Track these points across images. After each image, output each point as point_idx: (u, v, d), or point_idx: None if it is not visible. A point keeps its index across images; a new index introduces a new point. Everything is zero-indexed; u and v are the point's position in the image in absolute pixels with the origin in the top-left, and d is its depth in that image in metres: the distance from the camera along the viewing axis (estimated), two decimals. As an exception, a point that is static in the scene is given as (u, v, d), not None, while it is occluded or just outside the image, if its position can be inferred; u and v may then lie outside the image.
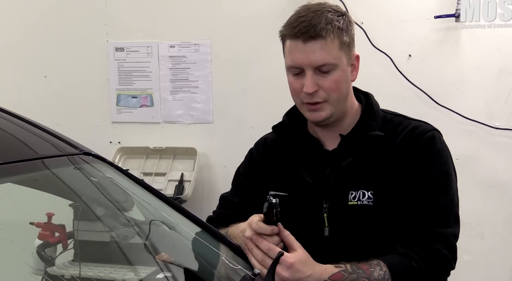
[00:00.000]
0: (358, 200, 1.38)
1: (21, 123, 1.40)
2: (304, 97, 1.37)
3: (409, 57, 2.78)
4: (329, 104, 1.37)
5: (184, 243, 1.47)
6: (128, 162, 3.07)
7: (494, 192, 2.74)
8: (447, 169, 1.40)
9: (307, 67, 1.34)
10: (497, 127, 2.70)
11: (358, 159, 1.40)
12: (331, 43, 1.33)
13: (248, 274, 1.14)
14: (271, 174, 1.49)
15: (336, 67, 1.35)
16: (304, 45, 1.33)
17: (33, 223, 1.68)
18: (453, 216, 1.38)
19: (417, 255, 1.31)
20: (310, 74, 1.34)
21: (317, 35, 1.32)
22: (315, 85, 1.34)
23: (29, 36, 3.21)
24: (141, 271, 1.64)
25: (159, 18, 3.05)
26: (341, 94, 1.38)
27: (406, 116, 1.48)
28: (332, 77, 1.35)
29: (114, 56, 3.12)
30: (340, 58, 1.36)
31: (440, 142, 1.42)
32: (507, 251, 2.75)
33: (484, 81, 2.71)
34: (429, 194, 1.35)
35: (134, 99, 3.13)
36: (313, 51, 1.32)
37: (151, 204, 1.48)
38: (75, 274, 1.56)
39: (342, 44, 1.35)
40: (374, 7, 2.80)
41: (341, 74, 1.36)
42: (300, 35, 1.32)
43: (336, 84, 1.36)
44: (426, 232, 1.33)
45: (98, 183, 1.46)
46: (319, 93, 1.35)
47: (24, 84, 3.24)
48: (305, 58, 1.33)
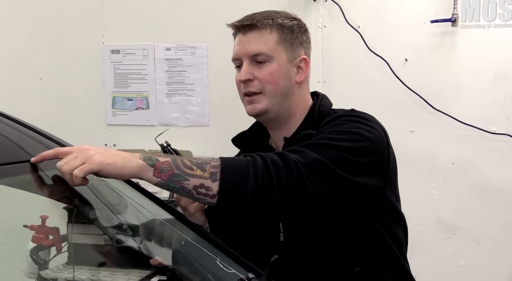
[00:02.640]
0: None
1: (14, 125, 1.39)
2: (242, 88, 1.40)
3: (405, 61, 2.78)
4: (265, 96, 1.38)
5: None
6: (123, 165, 3.06)
7: (489, 197, 2.74)
8: (350, 128, 1.28)
9: (244, 57, 1.39)
10: (493, 132, 2.71)
11: None
12: (268, 35, 1.38)
13: (243, 278, 1.13)
14: None
15: (271, 59, 1.38)
16: (243, 36, 1.40)
17: (27, 225, 1.67)
18: (324, 154, 1.21)
19: (258, 154, 1.20)
20: (246, 63, 1.39)
21: (253, 25, 1.38)
22: (249, 73, 1.38)
23: (24, 38, 3.20)
24: (135, 275, 1.63)
25: (156, 20, 3.05)
26: (277, 88, 1.38)
27: (345, 109, 1.41)
28: (267, 68, 1.38)
29: (110, 58, 3.11)
30: (278, 52, 1.38)
31: (354, 113, 1.35)
32: (503, 256, 2.75)
33: (480, 86, 2.71)
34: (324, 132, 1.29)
35: (130, 101, 3.12)
36: (249, 41, 1.39)
37: (146, 207, 1.47)
38: (68, 278, 1.55)
39: (282, 40, 1.39)
40: (371, 11, 2.80)
41: (277, 67, 1.38)
42: (240, 27, 1.40)
43: (271, 76, 1.38)
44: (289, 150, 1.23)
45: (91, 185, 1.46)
46: (254, 83, 1.38)
47: (19, 86, 3.23)
48: (242, 48, 1.40)
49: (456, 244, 2.75)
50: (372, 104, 2.73)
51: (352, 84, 2.81)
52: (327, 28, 2.83)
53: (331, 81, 2.81)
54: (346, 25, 2.79)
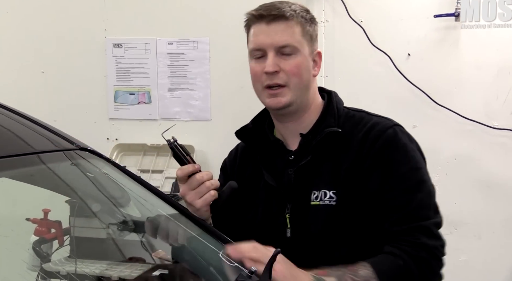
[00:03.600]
0: (320, 200, 1.35)
1: (17, 118, 1.39)
2: (265, 80, 1.36)
3: (408, 56, 2.77)
4: (289, 89, 1.36)
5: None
6: (125, 159, 3.06)
7: (491, 192, 2.74)
8: (416, 164, 1.37)
9: (269, 48, 1.35)
10: (496, 127, 2.70)
11: (318, 158, 1.38)
12: (295, 27, 1.36)
13: (245, 271, 1.13)
14: (239, 181, 1.46)
15: (297, 51, 1.36)
16: (268, 27, 1.35)
17: (29, 219, 1.68)
18: (433, 207, 1.36)
19: (403, 251, 1.28)
20: (272, 55, 1.35)
21: (281, 16, 1.34)
22: (276, 65, 1.35)
23: (26, 31, 3.20)
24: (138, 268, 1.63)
25: (158, 14, 3.04)
26: (301, 81, 1.37)
27: (369, 112, 1.45)
28: (294, 60, 1.36)
29: (112, 52, 3.11)
30: (302, 44, 1.37)
31: (403, 137, 1.39)
32: (505, 251, 2.75)
33: (483, 81, 2.70)
34: (405, 193, 1.33)
35: (132, 95, 3.12)
36: (276, 32, 1.34)
37: (148, 200, 1.47)
38: (71, 271, 1.56)
39: (305, 33, 1.37)
40: (374, 6, 2.79)
41: (302, 60, 1.37)
42: (265, 16, 1.35)
43: (297, 68, 1.36)
44: (409, 230, 1.30)
45: (94, 178, 1.46)
46: (280, 75, 1.35)
47: (21, 79, 3.22)
48: (267, 39, 1.35)
49: (458, 239, 2.74)
50: (374, 99, 2.73)
51: (354, 79, 2.80)
52: (330, 22, 2.82)
53: (334, 76, 2.81)
54: (349, 19, 2.78)
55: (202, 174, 1.30)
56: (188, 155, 1.30)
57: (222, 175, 1.56)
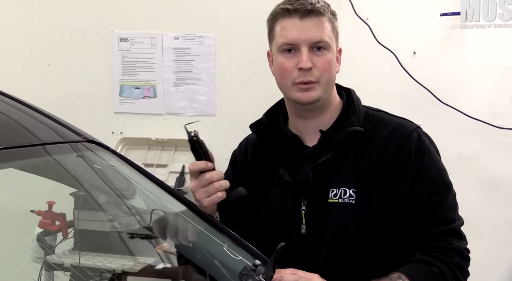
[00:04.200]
0: (340, 198, 1.35)
1: (24, 109, 1.40)
2: (298, 76, 1.34)
3: (413, 54, 2.77)
4: (320, 85, 1.35)
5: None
6: (129, 153, 3.06)
7: (495, 192, 2.73)
8: (440, 166, 1.39)
9: (303, 43, 1.33)
10: (500, 126, 2.69)
11: (338, 155, 1.37)
12: (327, 23, 1.35)
13: (249, 264, 1.14)
14: (251, 175, 1.48)
15: (329, 47, 1.35)
16: (301, 22, 1.33)
17: (34, 211, 1.68)
18: (457, 208, 1.39)
19: (437, 259, 1.29)
20: (306, 50, 1.33)
21: (315, 11, 1.33)
22: (310, 62, 1.33)
23: (33, 24, 3.20)
24: (141, 261, 1.64)
25: (164, 9, 3.04)
26: (331, 77, 1.38)
27: (388, 112, 1.45)
28: (326, 56, 1.35)
29: (118, 46, 3.11)
30: (333, 40, 1.37)
31: (427, 140, 1.40)
32: (508, 250, 2.75)
33: (488, 80, 2.70)
34: (434, 196, 1.34)
35: (137, 90, 3.12)
36: (309, 27, 1.33)
37: (154, 193, 1.48)
38: (74, 263, 1.57)
39: (333, 29, 1.37)
40: (380, 4, 2.79)
41: (332, 56, 1.37)
42: (297, 11, 1.33)
43: (328, 64, 1.35)
44: (441, 233, 1.32)
45: (101, 170, 1.46)
46: (313, 72, 1.34)
47: (27, 72, 3.23)
48: (301, 34, 1.33)
49: (460, 238, 2.74)
50: (379, 97, 2.71)
51: (360, 76, 2.79)
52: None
53: (339, 73, 2.80)
54: (355, 17, 2.78)
55: (212, 174, 1.29)
56: (206, 152, 1.29)
57: (232, 169, 1.54)
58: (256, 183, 1.46)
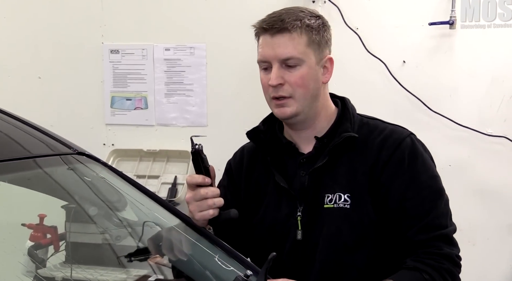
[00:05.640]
0: (335, 203, 1.36)
1: (14, 122, 1.40)
2: (271, 91, 1.37)
3: (403, 63, 2.79)
4: (295, 100, 1.37)
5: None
6: (121, 165, 3.06)
7: (486, 199, 2.75)
8: (433, 172, 1.41)
9: (273, 60, 1.36)
10: (490, 134, 2.71)
11: (333, 161, 1.39)
12: (298, 38, 1.35)
13: (240, 275, 1.14)
14: (246, 182, 1.49)
15: (302, 62, 1.36)
16: (272, 39, 1.36)
17: (25, 224, 1.67)
18: (449, 214, 1.39)
19: (427, 265, 1.30)
20: (276, 67, 1.36)
21: (283, 29, 1.35)
22: (280, 78, 1.35)
23: (24, 37, 3.20)
24: (134, 274, 1.63)
25: (155, 20, 3.05)
26: (307, 91, 1.38)
27: (382, 120, 1.47)
28: (298, 72, 1.36)
29: (109, 58, 3.11)
30: (308, 54, 1.37)
31: (420, 146, 1.42)
32: (499, 257, 2.76)
33: (477, 88, 2.72)
34: (426, 202, 1.35)
35: (129, 101, 3.12)
36: (279, 45, 1.35)
37: (145, 205, 1.47)
38: (66, 276, 1.56)
39: (311, 42, 1.37)
40: (369, 14, 2.81)
41: (308, 71, 1.37)
42: (268, 29, 1.36)
43: (301, 79, 1.36)
44: (432, 239, 1.33)
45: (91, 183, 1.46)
46: (285, 87, 1.36)
47: (18, 85, 3.22)
48: (271, 51, 1.36)
49: (452, 245, 2.75)
50: (369, 106, 2.72)
51: (350, 86, 2.81)
52: (325, 29, 2.83)
53: (329, 83, 2.81)
54: (344, 26, 2.80)
55: (207, 190, 1.30)
56: (206, 167, 1.31)
57: (227, 177, 1.55)
58: (251, 190, 1.47)
